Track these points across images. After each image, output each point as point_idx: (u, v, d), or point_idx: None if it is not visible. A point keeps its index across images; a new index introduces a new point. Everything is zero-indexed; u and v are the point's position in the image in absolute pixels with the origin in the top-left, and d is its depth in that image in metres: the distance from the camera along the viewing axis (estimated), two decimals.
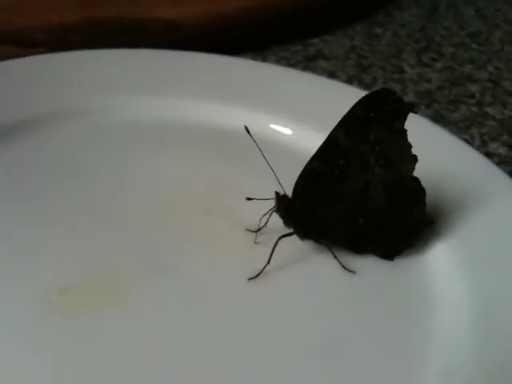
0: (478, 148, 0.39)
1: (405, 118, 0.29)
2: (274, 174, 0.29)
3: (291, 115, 0.37)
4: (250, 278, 0.28)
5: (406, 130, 0.29)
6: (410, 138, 0.29)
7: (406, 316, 0.28)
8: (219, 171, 0.34)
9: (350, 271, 0.29)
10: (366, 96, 0.29)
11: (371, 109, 0.28)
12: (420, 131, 0.29)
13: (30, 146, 0.34)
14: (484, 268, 0.30)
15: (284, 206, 0.29)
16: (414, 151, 0.29)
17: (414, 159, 0.29)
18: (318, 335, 0.27)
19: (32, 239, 0.29)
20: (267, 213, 0.29)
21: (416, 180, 0.29)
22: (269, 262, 0.28)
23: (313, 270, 0.29)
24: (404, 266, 0.30)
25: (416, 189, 0.29)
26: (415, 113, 0.29)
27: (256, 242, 0.30)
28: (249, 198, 0.28)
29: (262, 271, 0.28)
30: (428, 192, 0.30)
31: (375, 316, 0.28)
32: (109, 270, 0.28)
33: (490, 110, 0.45)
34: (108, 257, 0.29)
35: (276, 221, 0.29)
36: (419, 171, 0.29)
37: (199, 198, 0.32)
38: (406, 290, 0.29)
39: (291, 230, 0.29)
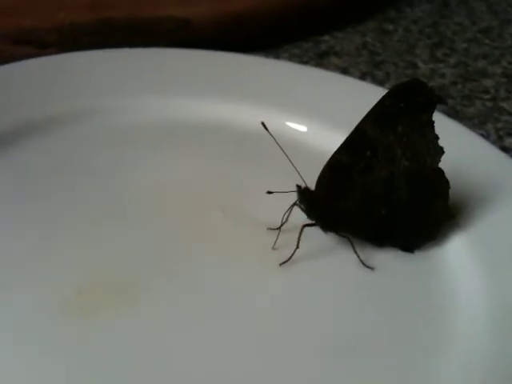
0: (493, 143, 0.38)
1: (433, 110, 0.28)
2: (294, 167, 0.28)
3: (306, 112, 0.37)
4: (281, 264, 0.28)
5: (433, 122, 0.28)
6: None
7: (424, 311, 0.28)
8: (234, 170, 0.34)
9: (369, 267, 0.29)
10: (396, 86, 0.29)
11: (401, 99, 0.28)
12: (436, 126, 0.29)
13: (42, 146, 0.34)
14: (503, 262, 0.29)
15: (307, 198, 0.28)
16: None
17: (441, 151, 0.29)
18: (334, 331, 0.26)
19: (45, 241, 0.29)
20: (289, 209, 0.29)
21: (440, 172, 0.29)
22: (297, 246, 0.28)
23: (332, 264, 0.29)
24: (423, 259, 0.30)
25: (440, 181, 0.29)
26: (445, 104, 0.29)
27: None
28: (269, 192, 0.27)
29: (291, 256, 0.28)
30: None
31: (393, 310, 0.28)
32: (123, 271, 0.28)
33: (504, 104, 0.44)
34: (122, 257, 0.28)
35: (295, 218, 0.29)
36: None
37: (213, 197, 0.32)
38: (425, 283, 0.29)
39: (314, 222, 0.29)
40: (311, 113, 0.37)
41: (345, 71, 0.45)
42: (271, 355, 0.25)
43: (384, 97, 0.28)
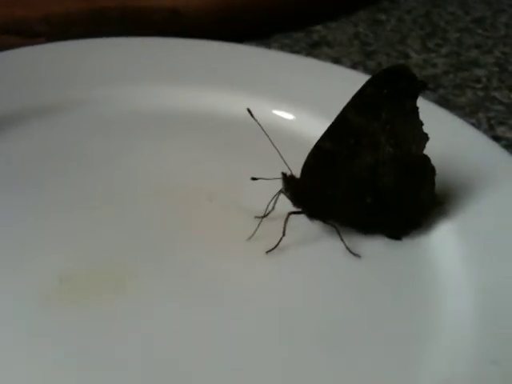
0: (485, 132, 0.38)
1: (417, 96, 0.28)
2: (280, 155, 0.28)
3: (294, 101, 0.37)
4: (267, 251, 0.28)
5: (417, 108, 0.28)
6: None
7: (410, 298, 0.28)
8: (221, 158, 0.34)
9: (356, 255, 0.29)
10: (379, 73, 0.28)
11: (383, 86, 0.28)
12: (427, 115, 0.28)
13: (33, 136, 0.34)
14: (489, 249, 0.29)
15: (292, 186, 0.28)
16: None
17: (426, 137, 0.28)
18: (321, 319, 0.26)
19: (32, 228, 0.29)
20: (275, 196, 0.29)
21: (426, 158, 0.29)
22: (284, 234, 0.28)
23: (319, 251, 0.29)
24: (410, 247, 0.30)
25: (426, 167, 0.29)
26: (429, 90, 0.28)
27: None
28: (254, 178, 0.27)
29: (278, 244, 0.28)
30: (436, 174, 0.30)
31: (379, 297, 0.28)
32: (110, 259, 0.28)
33: (496, 94, 0.44)
34: (110, 246, 0.28)
35: (281, 206, 0.29)
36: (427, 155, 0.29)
37: (201, 186, 0.32)
38: (412, 271, 0.29)
39: (300, 210, 0.29)
40: (299, 101, 0.37)
41: (336, 61, 0.45)
42: (258, 341, 0.25)
43: (366, 83, 0.28)
